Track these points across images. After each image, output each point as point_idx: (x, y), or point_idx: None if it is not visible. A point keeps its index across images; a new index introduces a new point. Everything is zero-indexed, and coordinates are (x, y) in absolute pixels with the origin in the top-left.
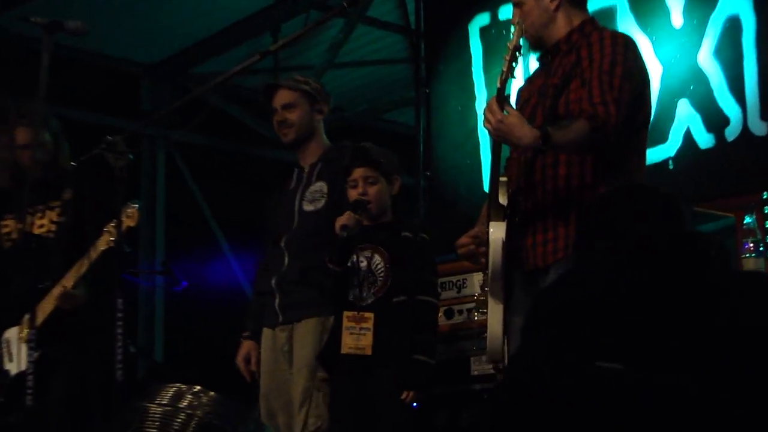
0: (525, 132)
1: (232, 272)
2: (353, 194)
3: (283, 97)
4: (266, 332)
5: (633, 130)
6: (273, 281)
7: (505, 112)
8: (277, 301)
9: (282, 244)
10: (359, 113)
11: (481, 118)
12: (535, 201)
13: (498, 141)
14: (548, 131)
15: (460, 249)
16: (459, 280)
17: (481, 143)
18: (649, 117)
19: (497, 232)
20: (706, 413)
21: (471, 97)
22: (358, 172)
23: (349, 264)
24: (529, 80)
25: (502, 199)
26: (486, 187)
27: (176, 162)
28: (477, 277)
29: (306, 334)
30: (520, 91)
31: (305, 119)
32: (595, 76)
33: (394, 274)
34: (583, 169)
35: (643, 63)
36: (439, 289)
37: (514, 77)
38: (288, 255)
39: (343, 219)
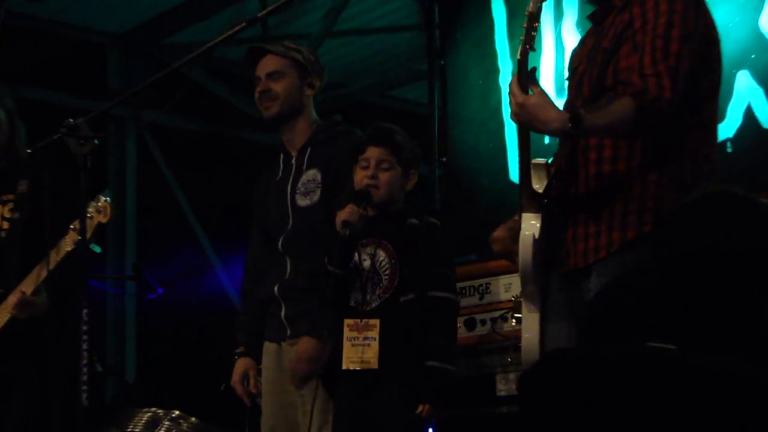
0: (551, 115)
1: (216, 275)
2: (360, 176)
3: (268, 64)
4: (269, 347)
5: (695, 103)
6: (276, 289)
7: (530, 91)
8: (282, 311)
9: (280, 247)
10: (362, 89)
11: (506, 94)
12: (576, 188)
13: (522, 126)
14: (579, 114)
15: (495, 244)
16: (481, 285)
17: (506, 123)
18: (718, 85)
19: (529, 225)
20: None
21: (494, 70)
22: (373, 152)
23: (351, 265)
24: (582, 42)
25: (538, 186)
26: (512, 175)
27: (149, 148)
28: (503, 281)
29: None
30: (573, 55)
31: (292, 92)
32: (648, 41)
33: (402, 270)
34: (631, 150)
35: (709, 18)
36: (458, 289)
37: (534, 49)
38: (290, 259)
39: (345, 213)
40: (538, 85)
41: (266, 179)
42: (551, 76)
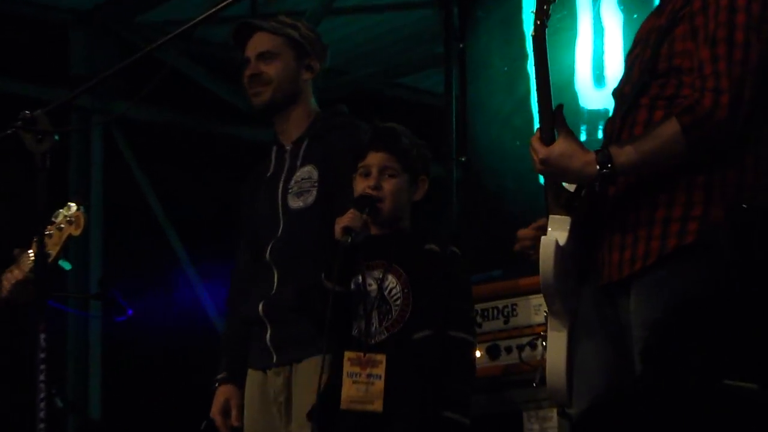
0: (577, 163)
1: (194, 293)
2: (361, 185)
3: (259, 42)
4: (253, 375)
5: (765, 99)
6: (260, 307)
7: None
8: (268, 334)
9: (267, 257)
10: (366, 77)
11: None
12: (616, 190)
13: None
14: (609, 154)
15: (517, 244)
16: (507, 306)
17: (535, 117)
18: None
19: (554, 229)
20: None
21: (521, 55)
22: (375, 158)
23: (353, 286)
24: (645, 20)
25: (569, 185)
26: (541, 179)
27: (118, 144)
28: (533, 301)
29: (311, 378)
30: (636, 35)
31: (287, 76)
32: (710, 27)
33: (415, 301)
34: None
35: None
36: (479, 320)
37: (546, 25)
38: (278, 272)
39: (346, 219)
40: (565, 126)
41: (256, 176)
42: (588, 64)
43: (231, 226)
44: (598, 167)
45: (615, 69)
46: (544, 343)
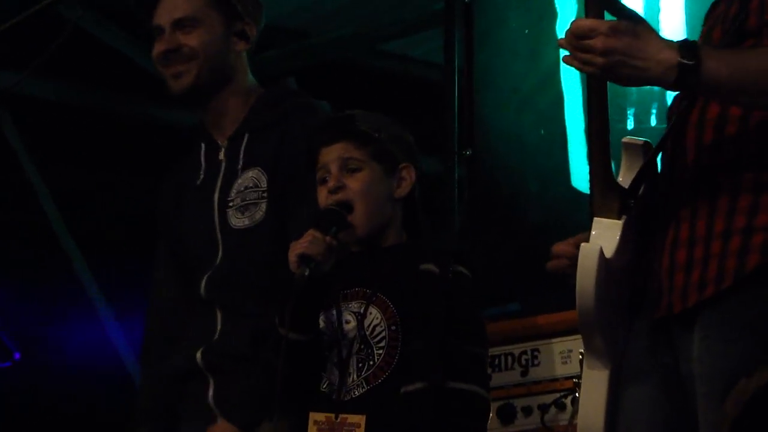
0: (654, 47)
1: (102, 327)
2: (322, 195)
3: (174, 5)
4: None
5: None
6: (198, 355)
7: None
8: (211, 390)
9: (202, 291)
10: (338, 42)
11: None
12: (679, 186)
13: (608, 77)
14: (695, 43)
15: (550, 263)
16: (525, 353)
17: (566, 96)
18: None
19: (599, 235)
20: None
21: (547, 13)
22: (329, 153)
23: (324, 324)
24: None
25: (624, 177)
26: (576, 180)
27: (2, 129)
28: (559, 346)
29: None
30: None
31: (216, 48)
32: None
33: (406, 342)
34: (764, 134)
35: None
36: (489, 370)
37: None
38: (221, 310)
39: (302, 244)
40: (627, 9)
41: (178, 183)
42: None
43: (150, 239)
44: (680, 56)
45: (674, 33)
46: (577, 394)
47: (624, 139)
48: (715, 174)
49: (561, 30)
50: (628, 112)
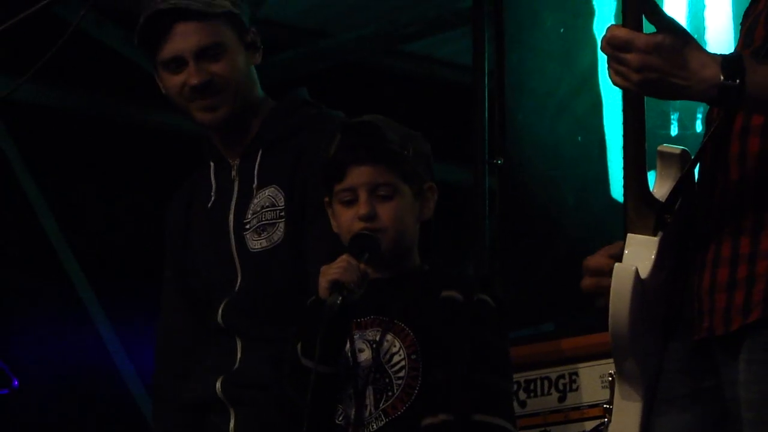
0: (695, 64)
1: (106, 352)
2: (347, 218)
3: (193, 34)
4: None
5: None
6: (218, 386)
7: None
8: (232, 422)
9: (220, 319)
10: (357, 42)
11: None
12: (720, 200)
13: (645, 93)
14: (740, 56)
15: (585, 278)
16: (562, 376)
17: (604, 101)
18: None
19: (632, 253)
20: None
21: (584, 12)
22: (359, 176)
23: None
24: None
25: (660, 189)
26: (615, 191)
27: None
28: (599, 369)
29: None
30: None
31: (242, 69)
32: None
33: (427, 372)
34: None
35: None
36: (523, 396)
37: None
38: (241, 338)
39: (336, 270)
40: (666, 17)
41: (188, 204)
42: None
43: (157, 255)
44: (722, 75)
45: (721, 32)
46: (606, 420)
47: (660, 147)
48: (759, 187)
49: (599, 29)
50: (672, 117)
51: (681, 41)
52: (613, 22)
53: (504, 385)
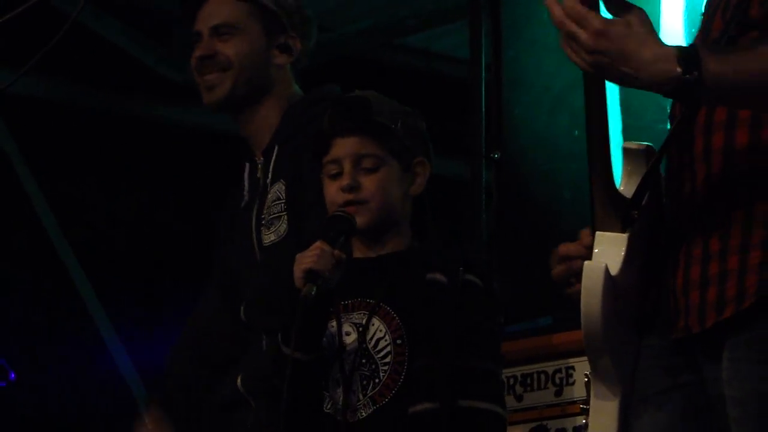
0: (650, 53)
1: (107, 351)
2: (332, 190)
3: (214, 11)
4: None
5: None
6: (239, 382)
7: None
8: (252, 416)
9: (242, 315)
10: (354, 36)
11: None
12: (689, 196)
13: (597, 75)
14: (696, 49)
15: (555, 269)
16: (559, 370)
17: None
18: None
19: (602, 251)
20: None
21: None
22: (343, 147)
23: (323, 342)
24: None
25: (626, 186)
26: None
27: None
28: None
29: None
30: None
31: (253, 58)
32: None
33: (413, 357)
34: None
35: None
36: (519, 390)
37: None
38: (264, 333)
39: (309, 258)
40: (626, 4)
41: (233, 205)
42: (679, 14)
43: (158, 252)
44: (679, 68)
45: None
46: (584, 421)
47: (624, 144)
48: (726, 184)
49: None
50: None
51: (635, 30)
52: (611, 17)
53: (490, 367)
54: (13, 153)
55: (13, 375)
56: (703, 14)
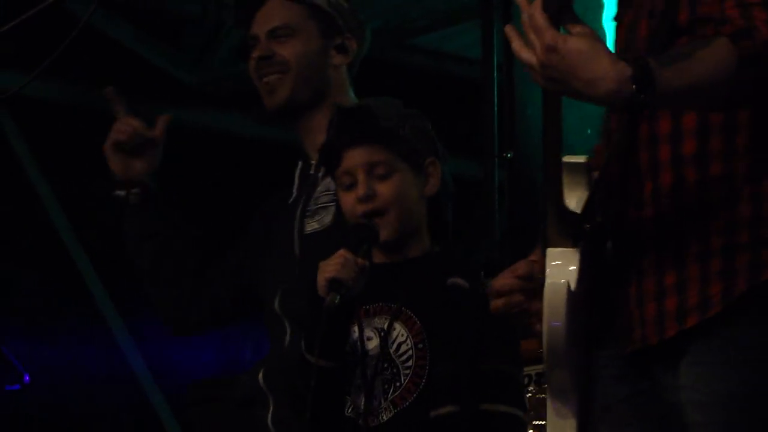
0: (601, 69)
1: (119, 349)
2: (348, 202)
3: (272, 14)
4: None
5: None
6: (261, 376)
7: (562, 30)
8: (270, 412)
9: (276, 306)
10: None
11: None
12: (639, 207)
13: (553, 90)
14: (649, 66)
15: (495, 301)
16: None
17: None
18: None
19: (558, 269)
20: None
21: (591, 5)
22: (354, 157)
23: (347, 349)
24: None
25: (575, 201)
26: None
27: (6, 135)
28: None
29: None
30: None
31: (311, 60)
32: None
33: (434, 362)
34: (730, 142)
35: None
36: (535, 388)
37: None
38: (290, 325)
39: (332, 267)
40: (579, 22)
41: (280, 200)
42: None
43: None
44: (634, 85)
45: None
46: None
47: (565, 158)
48: (676, 195)
49: (608, 23)
50: None
51: (586, 46)
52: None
53: (510, 371)
54: (24, 155)
55: (27, 377)
56: (620, 9)
